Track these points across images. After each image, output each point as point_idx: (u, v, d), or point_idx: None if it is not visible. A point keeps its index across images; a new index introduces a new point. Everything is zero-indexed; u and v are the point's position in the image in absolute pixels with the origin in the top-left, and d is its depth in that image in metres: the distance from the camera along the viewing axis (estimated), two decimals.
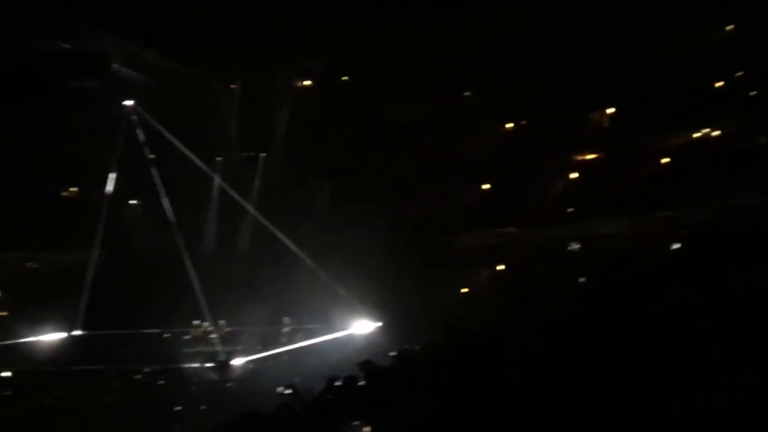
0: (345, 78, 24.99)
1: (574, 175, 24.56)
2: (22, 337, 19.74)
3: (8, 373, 17.88)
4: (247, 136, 24.05)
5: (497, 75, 23.02)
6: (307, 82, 25.14)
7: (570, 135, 24.32)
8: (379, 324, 20.76)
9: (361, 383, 6.80)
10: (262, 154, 24.33)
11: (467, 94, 24.58)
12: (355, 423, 5.63)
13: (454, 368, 7.04)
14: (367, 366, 7.26)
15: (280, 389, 7.47)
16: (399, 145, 23.31)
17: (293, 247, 21.20)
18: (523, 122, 24.88)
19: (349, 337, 20.31)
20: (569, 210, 24.17)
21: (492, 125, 24.63)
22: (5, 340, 19.39)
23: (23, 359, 18.66)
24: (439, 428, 6.00)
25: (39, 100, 21.36)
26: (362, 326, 20.65)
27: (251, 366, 19.25)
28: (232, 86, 24.20)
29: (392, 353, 12.78)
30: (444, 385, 6.60)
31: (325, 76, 24.98)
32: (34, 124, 21.63)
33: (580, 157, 24.76)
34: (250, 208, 22.75)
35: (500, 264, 23.48)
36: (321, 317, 20.79)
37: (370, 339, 20.10)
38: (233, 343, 20.34)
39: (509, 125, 24.99)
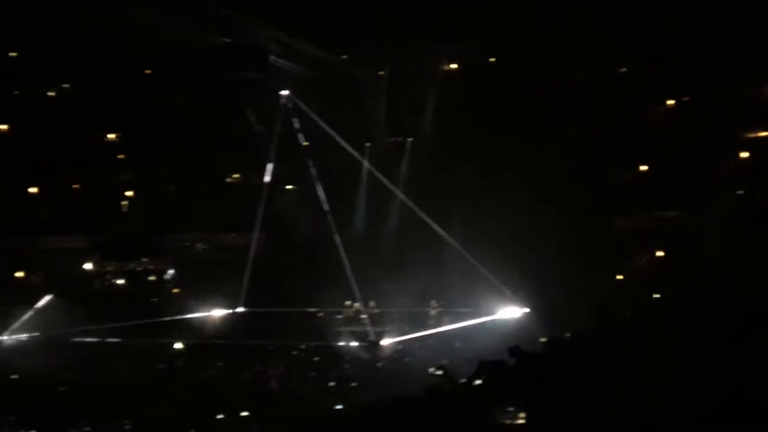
0: (492, 59, 24.60)
1: (744, 154, 22.68)
2: (192, 312, 21.34)
3: (180, 345, 19.31)
4: (395, 121, 24.39)
5: (656, 47, 21.65)
6: (454, 65, 25.02)
7: (739, 110, 22.43)
8: (527, 309, 20.42)
9: (511, 368, 6.73)
10: (410, 139, 24.60)
11: (623, 69, 23.36)
12: (510, 409, 5.58)
13: (608, 356, 6.80)
14: (517, 352, 7.15)
15: (431, 370, 7.55)
16: (549, 126, 22.59)
17: (441, 231, 21.29)
18: (686, 98, 23.28)
19: (497, 322, 20.15)
20: (738, 191, 22.36)
21: (651, 101, 23.26)
22: (177, 315, 21.06)
23: (193, 333, 20.13)
24: (595, 417, 5.83)
25: (203, 91, 22.81)
26: (510, 311, 20.41)
27: (400, 347, 19.61)
28: (381, 72, 24.62)
29: (542, 339, 12.51)
30: (598, 374, 6.39)
31: (472, 58, 24.72)
32: (199, 115, 23.16)
33: (750, 134, 22.79)
34: (398, 192, 23.08)
35: (658, 249, 22.23)
36: (468, 301, 20.77)
37: (518, 324, 19.83)
38: (383, 323, 20.83)
39: (670, 102, 23.49)
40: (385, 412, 6.67)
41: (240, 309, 21.92)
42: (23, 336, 18.96)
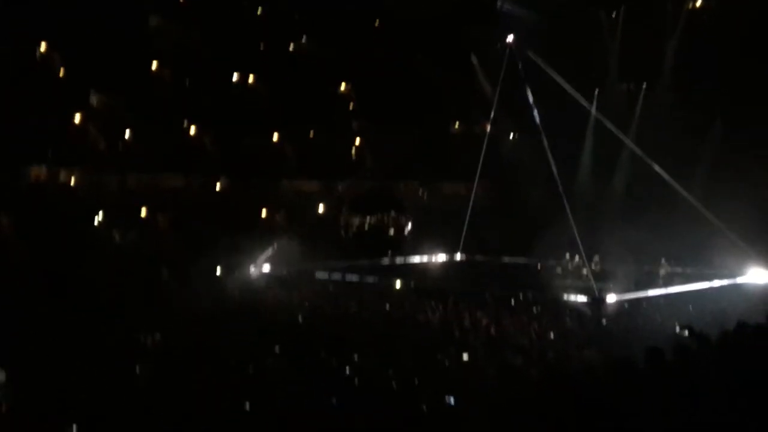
0: None
1: None
2: (415, 257, 22.17)
3: (399, 287, 20.09)
4: (627, 65, 22.78)
5: None
6: (699, 2, 22.60)
7: None
8: None
9: None
10: (644, 85, 22.90)
11: None
12: None
13: None
14: None
15: (677, 330, 7.05)
16: None
17: (676, 185, 19.70)
18: None
19: (738, 286, 18.40)
20: None
21: None
22: (402, 259, 22.01)
23: (415, 277, 20.87)
24: None
25: (430, 42, 23.03)
26: (756, 275, 18.50)
27: (625, 305, 18.68)
28: (614, 14, 23.06)
29: None
30: None
31: None
32: (427, 65, 23.42)
33: None
34: (629, 142, 21.68)
35: None
36: (704, 262, 19.20)
37: (766, 289, 17.93)
38: (606, 280, 19.99)
39: None
40: (623, 369, 6.36)
41: (459, 256, 22.31)
42: (268, 270, 21.00)
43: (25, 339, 11.59)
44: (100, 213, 21.31)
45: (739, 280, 18.52)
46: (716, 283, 18.49)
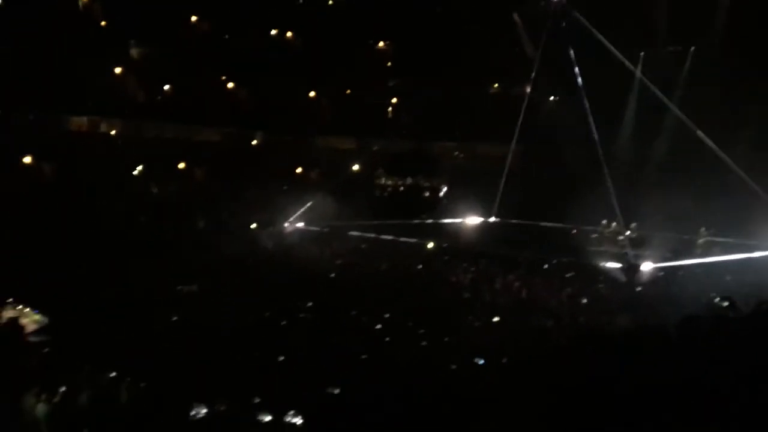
0: None
1: None
2: (448, 218, 22.07)
3: (432, 246, 20.05)
4: (675, 26, 21.96)
5: None
6: None
7: None
8: None
9: None
10: (692, 48, 22.10)
11: None
12: None
13: None
14: None
15: (716, 300, 6.89)
16: None
17: (721, 153, 19.13)
18: None
19: None
20: None
21: None
22: (434, 219, 21.95)
23: (448, 237, 20.82)
24: None
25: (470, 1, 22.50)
26: None
27: (661, 273, 18.37)
28: None
29: None
30: None
31: None
32: (465, 23, 22.96)
33: None
34: (674, 108, 21.03)
35: None
36: (746, 232, 18.72)
37: None
38: (642, 247, 19.65)
39: None
40: (653, 337, 6.27)
41: (493, 218, 22.15)
42: (301, 225, 21.14)
43: (64, 285, 11.89)
44: (138, 163, 21.62)
45: None
46: (757, 254, 18.02)
